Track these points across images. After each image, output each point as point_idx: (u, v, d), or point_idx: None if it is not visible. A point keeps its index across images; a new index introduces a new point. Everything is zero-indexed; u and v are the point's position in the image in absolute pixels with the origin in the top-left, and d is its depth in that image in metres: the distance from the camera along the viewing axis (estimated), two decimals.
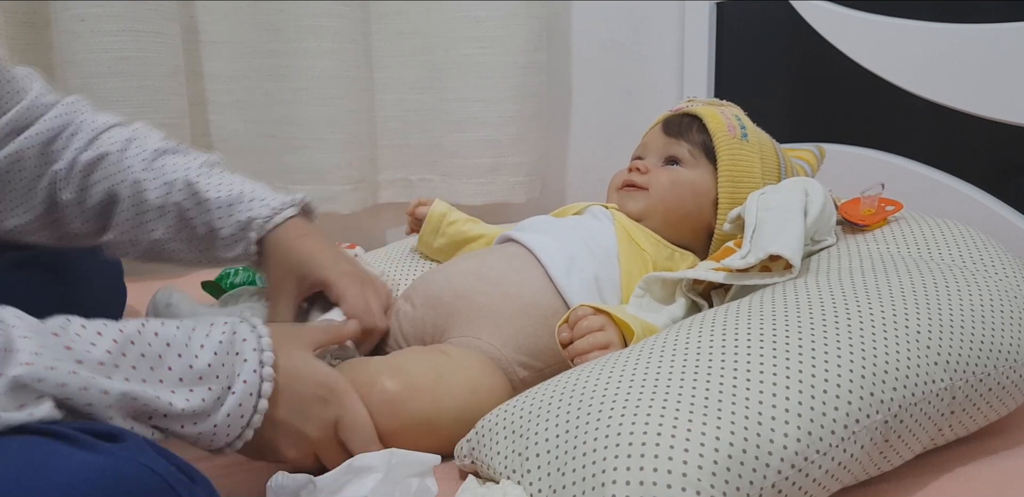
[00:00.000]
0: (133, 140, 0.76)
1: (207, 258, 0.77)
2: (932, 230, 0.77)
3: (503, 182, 1.43)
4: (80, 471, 0.38)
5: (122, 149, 0.75)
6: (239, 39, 1.29)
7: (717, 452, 0.48)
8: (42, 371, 0.43)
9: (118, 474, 0.39)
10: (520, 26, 1.37)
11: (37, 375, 0.43)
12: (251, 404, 0.53)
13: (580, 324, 0.69)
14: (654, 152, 0.88)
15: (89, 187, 0.75)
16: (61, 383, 0.44)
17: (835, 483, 0.53)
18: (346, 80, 1.31)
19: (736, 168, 0.84)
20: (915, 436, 0.56)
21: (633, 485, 0.47)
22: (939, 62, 1.03)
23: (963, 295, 0.64)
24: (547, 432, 0.54)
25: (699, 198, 0.85)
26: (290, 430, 0.57)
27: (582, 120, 1.54)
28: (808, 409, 0.51)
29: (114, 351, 0.48)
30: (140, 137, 0.77)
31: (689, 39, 1.35)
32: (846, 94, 1.22)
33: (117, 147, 0.75)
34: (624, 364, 0.57)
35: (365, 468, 0.53)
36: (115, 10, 1.11)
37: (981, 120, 1.00)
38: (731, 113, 0.88)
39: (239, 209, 0.75)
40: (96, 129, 0.76)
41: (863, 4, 1.12)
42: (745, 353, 0.55)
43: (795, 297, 0.63)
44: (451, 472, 0.62)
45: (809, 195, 0.75)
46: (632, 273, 0.79)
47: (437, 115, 1.40)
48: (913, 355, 0.57)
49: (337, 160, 1.32)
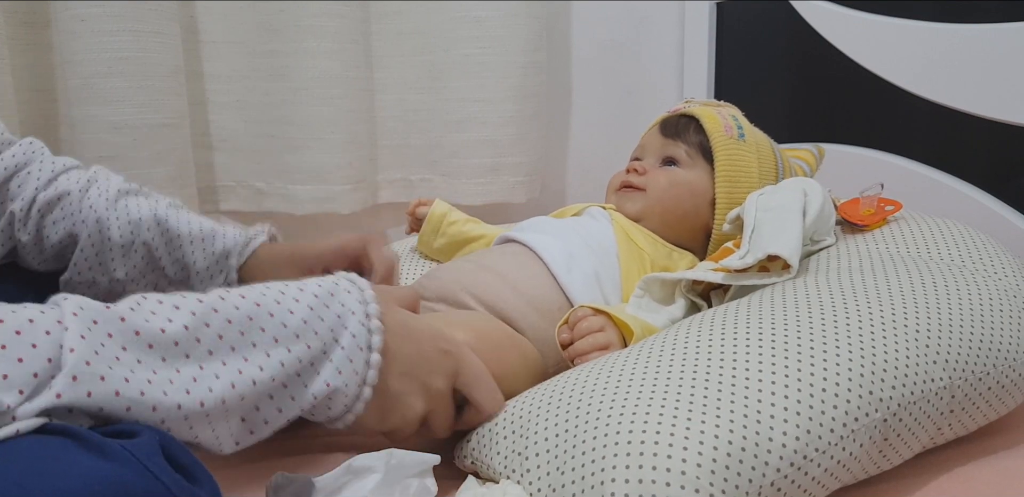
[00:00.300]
0: (94, 181, 0.75)
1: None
2: (932, 230, 0.77)
3: (503, 182, 1.43)
4: (82, 479, 0.38)
5: (83, 189, 0.74)
6: (239, 39, 1.29)
7: (716, 451, 0.48)
8: (77, 400, 0.41)
9: (121, 483, 0.39)
10: (520, 26, 1.37)
11: (78, 400, 0.41)
12: (363, 359, 0.50)
13: (580, 325, 0.69)
14: (651, 153, 0.88)
15: (46, 227, 0.74)
16: (114, 391, 0.42)
17: (835, 482, 0.53)
18: (346, 80, 1.31)
19: (733, 168, 0.84)
20: (914, 435, 0.57)
21: (632, 484, 0.47)
22: (939, 62, 1.03)
23: (962, 295, 0.64)
24: (547, 432, 0.54)
25: (696, 198, 0.85)
26: (415, 385, 0.55)
27: (582, 120, 1.54)
28: (807, 408, 0.51)
29: (193, 324, 0.45)
30: (101, 179, 0.76)
31: (689, 39, 1.35)
32: (846, 94, 1.22)
33: (78, 187, 0.74)
34: (624, 364, 0.57)
35: (364, 468, 0.53)
36: (115, 10, 1.11)
37: (981, 120, 1.00)
38: (728, 113, 0.89)
39: (213, 242, 0.76)
40: (55, 170, 0.75)
41: (863, 4, 1.12)
42: (744, 352, 0.55)
43: (794, 297, 0.63)
44: (451, 472, 0.62)
45: (808, 195, 0.75)
46: (631, 271, 0.79)
47: (437, 115, 1.40)
48: (912, 354, 0.57)
49: (337, 160, 1.32)
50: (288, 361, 0.48)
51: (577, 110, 1.54)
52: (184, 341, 0.45)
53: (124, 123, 1.12)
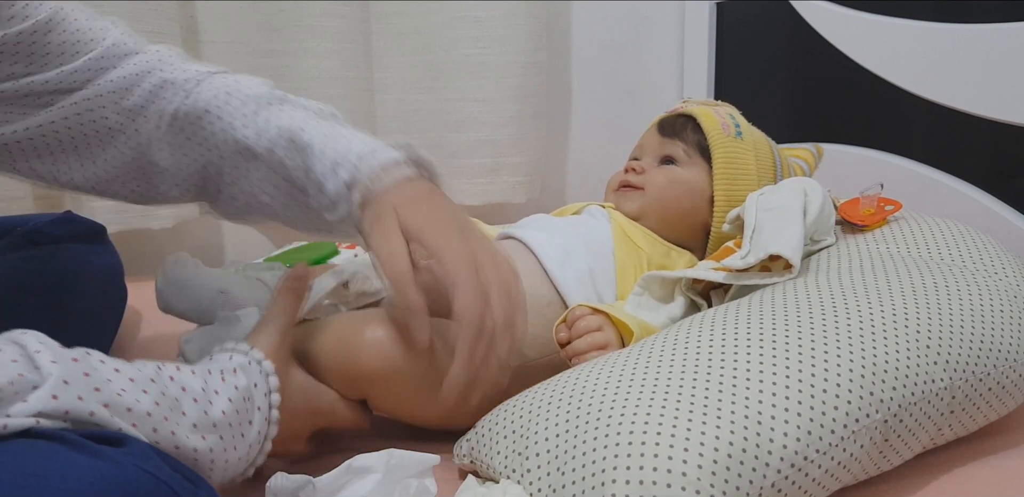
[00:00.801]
0: (232, 92, 0.68)
1: (315, 224, 0.70)
2: (932, 230, 0.77)
3: (503, 182, 1.43)
4: (83, 477, 0.38)
5: (222, 104, 0.67)
6: (239, 39, 1.29)
7: (717, 451, 0.48)
8: (69, 402, 0.43)
9: (121, 480, 0.39)
10: (520, 26, 1.37)
11: (64, 407, 0.43)
12: (258, 444, 0.54)
13: (578, 324, 0.69)
14: (650, 153, 0.88)
15: (186, 148, 0.68)
16: (89, 412, 0.44)
17: (835, 482, 0.53)
18: (346, 80, 1.31)
19: (731, 166, 0.84)
20: (915, 436, 0.57)
21: (633, 484, 0.47)
22: (939, 62, 1.03)
23: (963, 295, 0.64)
24: (547, 432, 0.54)
25: (695, 196, 0.85)
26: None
27: (582, 120, 1.54)
28: (808, 408, 0.51)
29: (130, 389, 0.47)
30: (242, 86, 0.69)
31: (689, 39, 1.35)
32: (846, 94, 1.22)
33: (216, 102, 0.67)
34: (624, 364, 0.57)
35: (364, 469, 0.53)
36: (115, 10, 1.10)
37: (981, 120, 1.00)
38: (725, 112, 0.89)
39: (343, 167, 0.64)
40: (188, 81, 0.68)
41: (863, 4, 1.12)
42: (745, 352, 0.55)
43: (795, 297, 0.63)
44: (451, 472, 0.62)
45: (808, 195, 0.75)
46: (627, 268, 0.79)
47: (437, 115, 1.40)
48: (913, 355, 0.57)
49: None
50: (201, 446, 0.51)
51: (577, 110, 1.54)
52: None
53: None
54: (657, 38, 1.41)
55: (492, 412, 0.60)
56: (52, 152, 0.68)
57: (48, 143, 0.67)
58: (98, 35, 0.67)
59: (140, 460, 0.41)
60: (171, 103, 0.67)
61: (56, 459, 0.39)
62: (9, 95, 0.63)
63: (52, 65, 0.64)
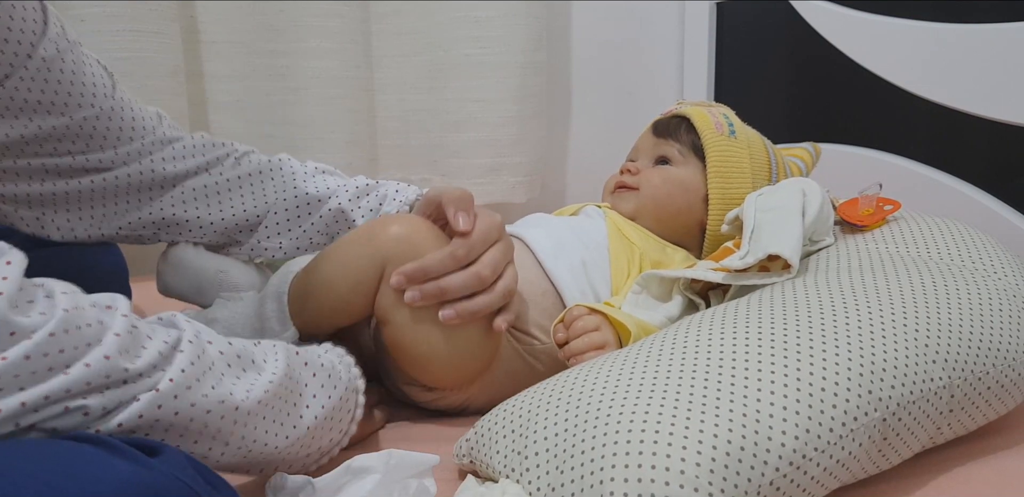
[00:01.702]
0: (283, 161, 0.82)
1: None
2: (931, 230, 0.77)
3: (503, 182, 1.43)
4: (118, 482, 0.39)
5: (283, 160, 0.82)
6: (239, 39, 1.29)
7: (716, 450, 0.48)
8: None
9: (153, 487, 0.40)
10: (520, 26, 1.37)
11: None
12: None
13: (576, 324, 0.69)
14: (645, 154, 0.89)
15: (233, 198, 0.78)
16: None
17: (834, 481, 0.53)
18: (346, 80, 1.31)
19: (725, 164, 0.85)
20: (914, 434, 0.57)
21: (632, 483, 0.47)
22: (939, 62, 1.03)
23: (962, 294, 0.64)
24: (546, 431, 0.54)
25: (689, 195, 0.86)
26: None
27: (582, 120, 1.54)
28: (807, 407, 0.51)
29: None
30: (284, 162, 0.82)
31: (689, 39, 1.35)
32: (846, 94, 1.22)
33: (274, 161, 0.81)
34: (623, 363, 0.57)
35: (364, 469, 0.53)
36: (115, 10, 1.11)
37: (981, 120, 1.00)
38: (719, 112, 0.90)
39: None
40: (235, 151, 0.80)
41: (863, 4, 1.12)
42: (743, 352, 0.55)
43: (793, 296, 0.63)
44: (450, 472, 0.62)
45: (807, 195, 0.75)
46: (620, 263, 0.80)
47: (437, 115, 1.40)
48: (911, 353, 0.57)
49: (337, 160, 1.32)
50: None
51: (577, 110, 1.54)
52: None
53: None
54: (657, 38, 1.41)
55: (492, 412, 0.61)
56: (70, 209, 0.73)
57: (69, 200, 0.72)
58: (149, 124, 0.74)
59: (175, 469, 0.42)
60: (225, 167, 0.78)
61: (94, 462, 0.39)
62: (63, 169, 0.69)
63: (108, 147, 0.71)
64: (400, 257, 0.66)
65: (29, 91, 0.64)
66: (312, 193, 0.79)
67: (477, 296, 0.67)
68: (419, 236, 0.67)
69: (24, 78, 0.63)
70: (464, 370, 0.70)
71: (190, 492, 0.41)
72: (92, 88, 0.68)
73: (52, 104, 0.66)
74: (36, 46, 0.63)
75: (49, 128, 0.66)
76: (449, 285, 0.66)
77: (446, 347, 0.68)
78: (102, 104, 0.69)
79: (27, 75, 0.63)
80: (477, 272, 0.66)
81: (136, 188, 0.73)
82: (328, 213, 0.79)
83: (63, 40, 0.66)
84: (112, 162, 0.71)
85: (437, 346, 0.67)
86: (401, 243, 0.66)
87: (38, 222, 0.71)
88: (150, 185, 0.74)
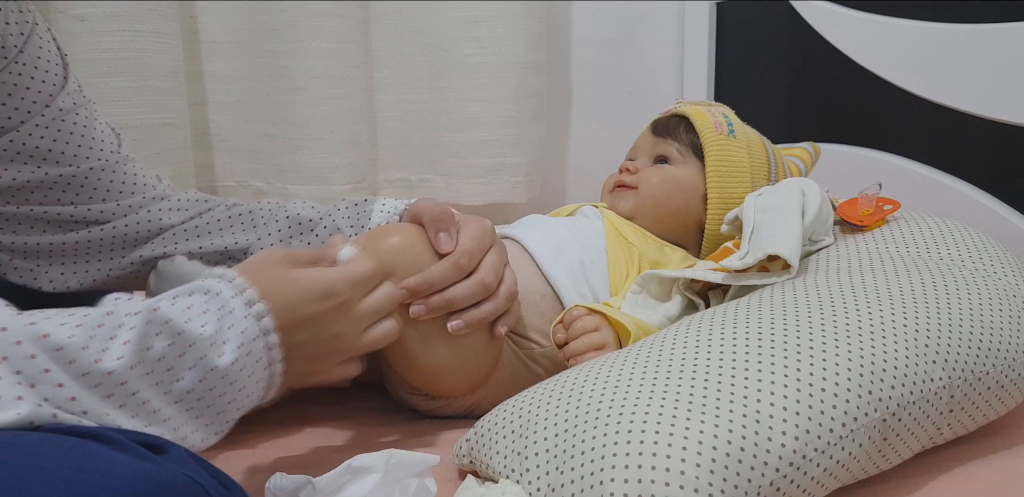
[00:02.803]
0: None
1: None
2: (931, 229, 0.77)
3: (503, 182, 1.43)
4: (126, 477, 0.39)
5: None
6: (239, 39, 1.29)
7: (716, 450, 0.48)
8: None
9: (163, 482, 0.40)
10: (520, 26, 1.36)
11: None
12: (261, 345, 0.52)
13: (575, 325, 0.69)
14: (644, 153, 0.89)
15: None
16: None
17: (834, 482, 0.53)
18: (346, 80, 1.31)
19: (724, 163, 0.85)
20: (914, 435, 0.57)
21: (632, 483, 0.47)
22: (939, 62, 1.03)
23: (962, 294, 0.64)
24: (546, 431, 0.54)
25: (688, 194, 0.86)
26: (324, 354, 0.58)
27: (582, 120, 1.54)
28: (807, 407, 0.51)
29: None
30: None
31: (689, 39, 1.35)
32: (846, 94, 1.22)
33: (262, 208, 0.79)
34: (623, 363, 0.57)
35: (364, 468, 0.53)
36: (115, 10, 1.11)
37: (981, 120, 1.00)
38: (719, 111, 0.90)
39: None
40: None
41: (863, 4, 1.12)
42: (743, 352, 0.55)
43: (793, 296, 0.63)
44: (451, 472, 0.62)
45: (806, 195, 0.75)
46: (619, 263, 0.80)
47: (437, 115, 1.40)
48: (911, 354, 0.57)
49: (337, 160, 1.32)
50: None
51: (577, 110, 1.54)
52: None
53: (124, 123, 1.12)
54: (657, 38, 1.41)
55: (492, 412, 0.61)
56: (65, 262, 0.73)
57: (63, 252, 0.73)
58: (150, 182, 0.76)
59: (181, 465, 0.42)
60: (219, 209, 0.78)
61: (102, 457, 0.40)
62: (64, 219, 0.70)
63: (110, 199, 0.72)
64: (404, 268, 0.65)
65: (41, 138, 0.66)
66: (304, 214, 0.78)
67: (483, 303, 0.67)
68: (421, 246, 0.66)
69: (39, 125, 0.66)
70: (469, 378, 0.70)
71: (197, 487, 0.42)
72: (100, 143, 0.71)
73: (61, 154, 0.68)
74: (55, 97, 0.67)
75: (55, 176, 0.68)
76: (455, 296, 0.65)
77: (451, 357, 0.67)
78: (108, 158, 0.71)
79: (42, 123, 0.66)
80: (481, 280, 0.66)
81: (133, 239, 0.74)
82: (324, 231, 0.78)
83: (79, 95, 0.70)
84: (112, 214, 0.72)
85: (442, 357, 0.67)
86: (404, 253, 0.65)
87: (31, 274, 0.72)
88: (146, 236, 0.75)
